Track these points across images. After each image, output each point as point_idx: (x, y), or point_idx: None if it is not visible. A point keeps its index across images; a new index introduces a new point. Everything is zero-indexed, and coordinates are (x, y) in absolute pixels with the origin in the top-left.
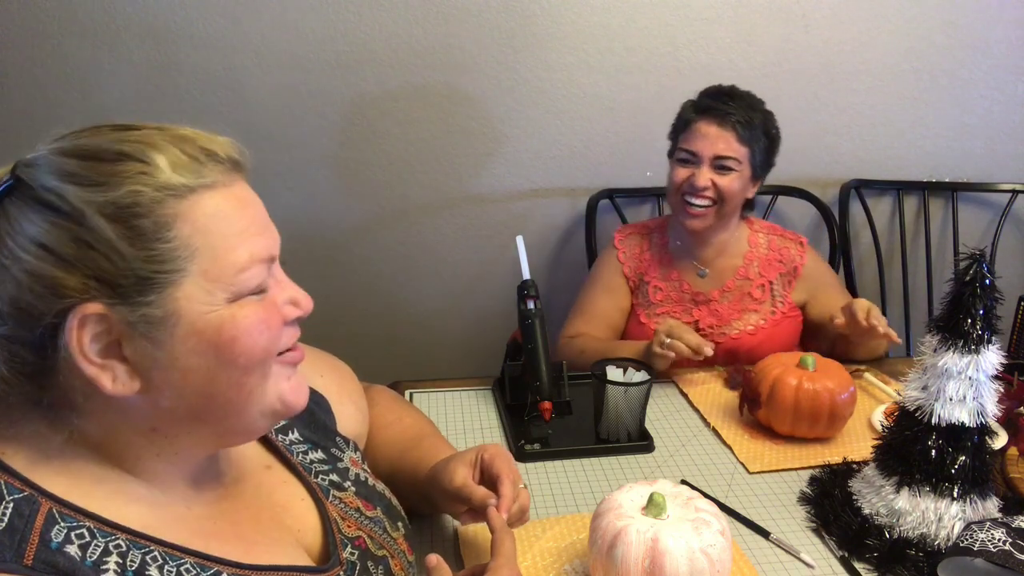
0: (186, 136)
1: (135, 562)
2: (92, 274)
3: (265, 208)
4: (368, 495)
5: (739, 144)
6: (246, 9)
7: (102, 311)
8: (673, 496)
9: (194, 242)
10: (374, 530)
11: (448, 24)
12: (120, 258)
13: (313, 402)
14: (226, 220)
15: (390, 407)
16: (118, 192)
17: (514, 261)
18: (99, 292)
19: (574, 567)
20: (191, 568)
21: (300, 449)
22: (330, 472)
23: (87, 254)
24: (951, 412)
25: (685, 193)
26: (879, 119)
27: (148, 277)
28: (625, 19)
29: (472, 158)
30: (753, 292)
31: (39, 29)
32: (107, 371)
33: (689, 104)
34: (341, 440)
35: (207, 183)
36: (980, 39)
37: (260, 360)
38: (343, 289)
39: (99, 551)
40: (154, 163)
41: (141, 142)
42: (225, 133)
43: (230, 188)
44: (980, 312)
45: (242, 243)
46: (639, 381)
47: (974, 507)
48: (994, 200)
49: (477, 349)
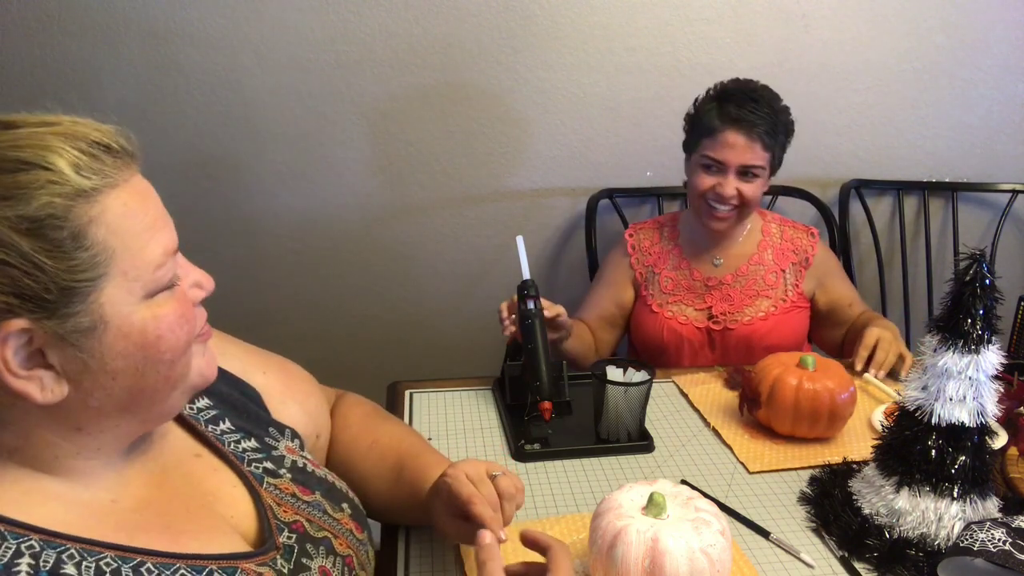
0: (75, 132)
1: (49, 561)
2: (12, 291)
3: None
4: (305, 481)
5: (764, 151)
6: (246, 9)
7: (26, 326)
8: (673, 496)
9: (110, 244)
10: (312, 513)
11: (448, 24)
12: (41, 272)
13: (244, 395)
14: (134, 217)
15: (364, 426)
16: (31, 206)
17: (514, 261)
18: (21, 308)
19: (574, 567)
20: (111, 561)
21: (232, 439)
22: (264, 460)
23: (4, 272)
24: (951, 412)
25: (710, 199)
26: (879, 119)
27: (72, 287)
28: (625, 19)
29: (472, 158)
30: (766, 277)
31: (39, 29)
32: (34, 381)
33: (713, 109)
34: (275, 429)
35: (112, 182)
36: (980, 39)
37: (183, 351)
38: (343, 289)
39: (10, 552)
40: (57, 168)
41: (36, 145)
42: (225, 133)
43: (130, 183)
44: (980, 312)
45: (152, 238)
46: (639, 381)
47: (974, 507)
48: (994, 200)
49: (477, 349)
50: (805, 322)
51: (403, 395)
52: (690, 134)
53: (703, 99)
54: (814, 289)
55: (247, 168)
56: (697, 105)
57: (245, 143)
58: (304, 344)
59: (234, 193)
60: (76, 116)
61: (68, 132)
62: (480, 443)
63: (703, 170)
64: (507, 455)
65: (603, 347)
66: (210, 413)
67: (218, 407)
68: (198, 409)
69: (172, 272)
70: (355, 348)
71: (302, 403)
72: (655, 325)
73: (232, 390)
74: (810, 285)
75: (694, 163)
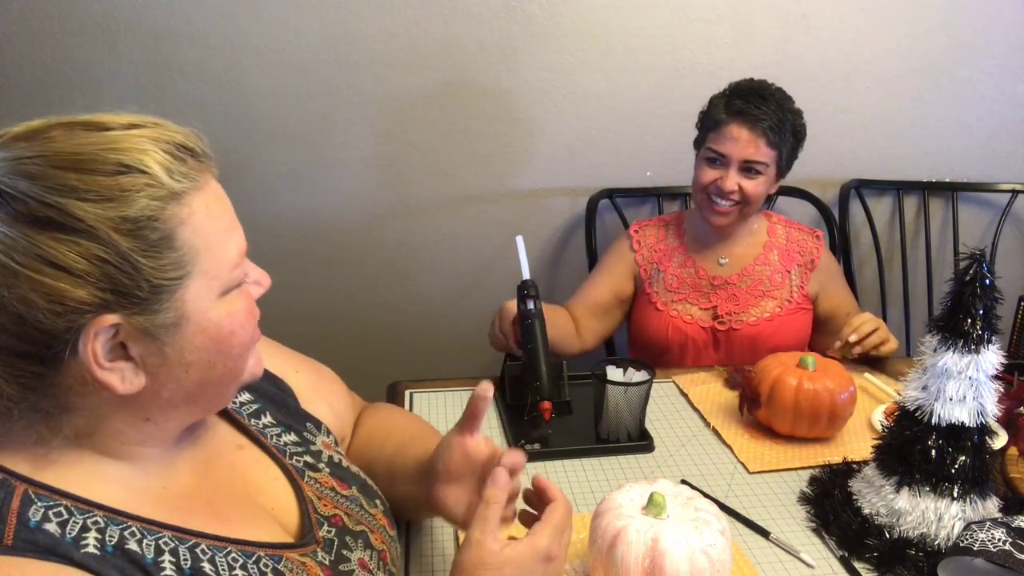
0: (163, 135)
1: (114, 537)
2: (108, 287)
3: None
4: (342, 475)
5: (768, 148)
6: (246, 9)
7: (117, 321)
8: (673, 496)
9: (196, 244)
10: (351, 508)
11: (448, 24)
12: (136, 271)
13: (280, 389)
14: (215, 219)
15: (389, 416)
16: (131, 208)
17: (514, 261)
18: (115, 304)
19: (575, 567)
20: (169, 541)
21: (274, 432)
22: (304, 454)
23: (102, 269)
24: (951, 412)
25: (711, 193)
26: (879, 119)
27: (161, 285)
28: (625, 19)
29: (472, 158)
30: (772, 278)
31: (39, 29)
32: (116, 373)
33: (721, 103)
34: (312, 424)
35: (197, 185)
36: (980, 39)
37: (250, 346)
38: (343, 289)
39: (78, 528)
40: (152, 172)
41: (132, 149)
42: (225, 133)
43: (210, 185)
44: (980, 312)
45: (230, 238)
46: (639, 381)
47: (974, 507)
48: (994, 200)
49: (477, 349)
50: (809, 324)
51: (403, 395)
52: (699, 130)
53: (715, 96)
54: (817, 292)
55: (247, 168)
56: (707, 104)
57: (245, 143)
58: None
59: (234, 193)
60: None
61: (157, 136)
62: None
63: (706, 163)
64: None
65: (590, 335)
66: (252, 407)
67: (259, 401)
68: (240, 403)
69: (244, 271)
70: (355, 348)
71: (331, 404)
72: (660, 323)
73: (270, 386)
74: (814, 288)
75: (699, 157)
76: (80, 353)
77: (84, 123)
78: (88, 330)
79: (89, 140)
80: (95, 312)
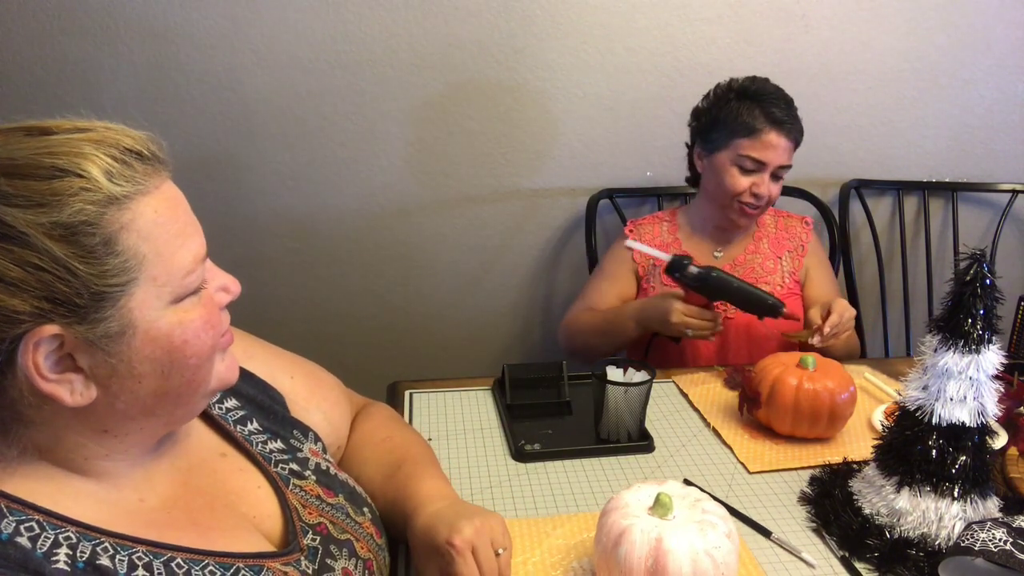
0: (108, 138)
1: (85, 552)
2: (44, 295)
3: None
4: (329, 483)
5: (793, 152)
6: (246, 9)
7: (57, 331)
8: (681, 497)
9: (141, 250)
10: (336, 516)
11: (448, 24)
12: (73, 277)
13: (268, 396)
14: (165, 224)
15: (385, 423)
16: (63, 213)
17: (514, 262)
18: (54, 313)
19: (582, 564)
20: (143, 556)
21: (259, 439)
22: (290, 461)
23: (38, 276)
24: (951, 412)
25: (744, 199)
26: (879, 119)
27: (103, 292)
28: (625, 19)
29: (472, 158)
30: (764, 264)
31: (39, 29)
32: (64, 385)
33: (756, 109)
34: (299, 431)
35: (143, 189)
36: (980, 39)
37: (208, 356)
38: (343, 289)
39: (49, 543)
40: (90, 175)
41: (70, 152)
42: (225, 133)
43: (161, 190)
44: (980, 312)
45: (182, 245)
46: (639, 381)
47: (974, 507)
48: (994, 200)
49: (477, 349)
50: (801, 309)
51: (403, 395)
52: (713, 130)
53: (724, 96)
54: (804, 278)
55: (247, 168)
56: (715, 102)
57: (245, 143)
58: (304, 344)
59: (234, 193)
60: (108, 122)
61: (101, 139)
62: (480, 443)
63: (740, 171)
64: (507, 455)
65: None
66: (238, 414)
67: (246, 408)
68: (226, 409)
69: (200, 279)
70: (355, 348)
71: (327, 412)
72: None
73: (258, 392)
74: (803, 272)
75: (724, 161)
76: (20, 364)
77: (27, 128)
78: (27, 341)
79: (27, 145)
80: (33, 322)
